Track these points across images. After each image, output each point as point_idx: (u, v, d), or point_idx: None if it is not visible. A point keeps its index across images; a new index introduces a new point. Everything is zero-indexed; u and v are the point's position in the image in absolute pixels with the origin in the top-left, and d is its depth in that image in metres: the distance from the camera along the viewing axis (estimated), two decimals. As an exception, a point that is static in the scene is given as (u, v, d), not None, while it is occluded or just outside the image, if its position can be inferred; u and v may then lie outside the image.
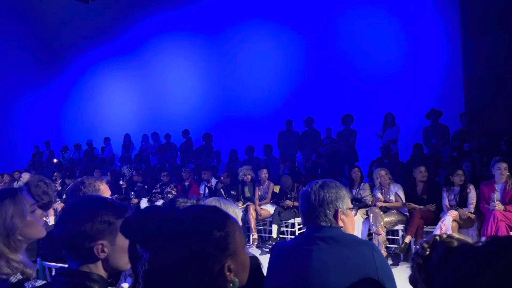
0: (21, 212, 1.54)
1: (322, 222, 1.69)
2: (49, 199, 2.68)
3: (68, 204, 1.34)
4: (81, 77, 15.43)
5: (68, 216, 1.27)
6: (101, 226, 1.27)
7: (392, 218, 5.66)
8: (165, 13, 13.43)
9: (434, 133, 7.72)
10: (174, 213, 0.95)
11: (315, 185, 1.76)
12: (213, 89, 12.38)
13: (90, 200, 1.37)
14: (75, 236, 1.25)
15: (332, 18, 10.61)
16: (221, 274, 0.92)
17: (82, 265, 1.27)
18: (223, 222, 0.96)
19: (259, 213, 6.77)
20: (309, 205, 1.72)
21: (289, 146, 9.14)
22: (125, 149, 11.55)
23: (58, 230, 1.27)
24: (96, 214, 1.27)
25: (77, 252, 1.27)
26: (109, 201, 1.36)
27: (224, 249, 0.93)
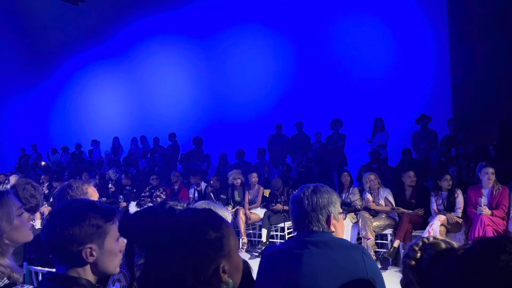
0: (8, 216, 1.51)
1: (314, 227, 1.69)
2: (36, 202, 2.65)
3: (56, 208, 1.33)
4: (69, 79, 15.28)
5: (56, 220, 1.26)
6: (90, 230, 1.26)
7: (381, 223, 5.70)
8: (154, 16, 13.39)
9: (423, 138, 7.82)
10: (171, 213, 0.96)
11: (307, 189, 1.75)
12: (203, 92, 12.37)
13: (78, 203, 1.35)
14: (63, 240, 1.23)
15: (322, 23, 10.69)
16: (215, 274, 0.94)
17: (69, 269, 1.26)
18: (218, 224, 0.98)
19: (248, 217, 6.75)
20: (301, 210, 1.71)
21: (279, 150, 9.16)
22: (114, 152, 11.46)
23: (46, 234, 1.25)
24: (84, 217, 1.26)
25: (65, 256, 1.25)
26: (97, 204, 1.34)
27: (218, 250, 0.95)
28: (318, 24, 10.74)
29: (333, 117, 8.58)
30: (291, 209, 1.79)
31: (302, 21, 10.99)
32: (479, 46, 8.76)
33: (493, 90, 8.51)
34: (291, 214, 1.79)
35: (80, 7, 14.62)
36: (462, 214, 5.39)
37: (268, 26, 11.49)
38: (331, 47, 10.54)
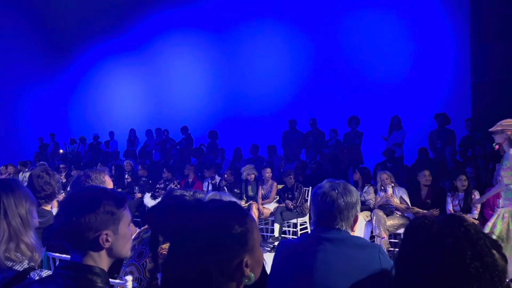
0: (30, 197, 1.61)
1: (340, 225, 1.67)
2: (52, 189, 2.67)
3: (68, 196, 1.35)
4: (88, 71, 15.49)
5: (70, 208, 1.28)
6: (105, 216, 1.29)
7: (395, 222, 5.65)
8: (172, 9, 13.44)
9: (440, 138, 7.69)
10: (197, 205, 0.98)
11: (339, 186, 1.73)
12: (219, 86, 12.40)
13: (91, 191, 1.37)
14: (80, 227, 1.25)
15: (340, 19, 10.58)
16: (238, 268, 0.95)
17: (85, 256, 1.28)
18: (243, 218, 0.99)
19: (261, 212, 6.77)
20: (331, 206, 1.68)
21: (293, 146, 9.14)
22: (130, 143, 11.61)
23: (60, 223, 1.27)
24: (99, 204, 1.29)
25: (81, 244, 1.28)
26: (109, 191, 1.37)
27: (243, 244, 0.96)
28: (336, 19, 10.64)
29: (350, 114, 8.51)
30: (316, 202, 1.73)
31: (319, 16, 10.90)
32: (500, 46, 8.57)
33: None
34: (316, 207, 1.74)
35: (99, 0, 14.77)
36: (479, 215, 5.31)
37: (284, 21, 11.43)
38: (348, 43, 10.43)
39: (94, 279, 1.26)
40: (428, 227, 1.11)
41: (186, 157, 10.16)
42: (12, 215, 1.50)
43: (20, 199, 1.54)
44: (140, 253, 1.94)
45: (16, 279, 1.45)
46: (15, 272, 1.46)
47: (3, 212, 1.48)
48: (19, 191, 1.56)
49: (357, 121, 8.41)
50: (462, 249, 1.04)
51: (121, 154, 11.54)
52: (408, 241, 1.14)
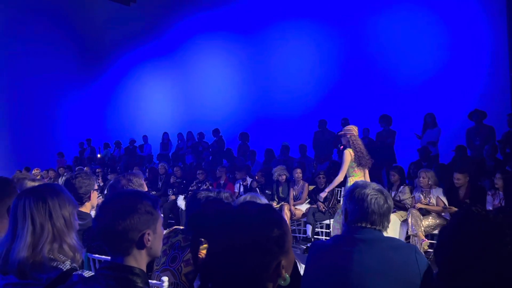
0: (73, 200, 1.68)
1: (378, 227, 1.67)
2: (88, 192, 2.73)
3: (108, 199, 1.39)
4: (121, 77, 15.95)
5: (114, 211, 1.32)
6: (146, 217, 1.34)
7: (432, 222, 5.49)
8: (201, 13, 13.64)
9: (478, 135, 7.40)
10: (238, 209, 1.00)
11: (381, 192, 1.71)
12: (249, 88, 12.45)
13: (129, 193, 1.43)
14: (125, 228, 1.30)
15: (370, 15, 10.39)
16: (275, 270, 0.96)
17: (126, 257, 1.33)
18: (280, 221, 1.00)
19: (293, 213, 6.75)
20: (368, 209, 1.67)
21: (324, 146, 9.06)
22: (164, 147, 11.86)
23: (104, 224, 1.31)
24: (141, 205, 1.34)
25: (124, 245, 1.32)
26: (145, 193, 1.44)
27: (281, 246, 0.97)
28: (365, 16, 10.45)
29: (382, 113, 8.34)
30: (358, 203, 1.70)
31: (347, 14, 10.75)
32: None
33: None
34: (354, 207, 1.71)
35: (131, 7, 15.21)
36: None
37: (313, 21, 11.35)
38: (378, 40, 10.23)
39: (135, 279, 1.31)
40: (484, 217, 1.08)
41: (218, 159, 10.27)
42: (56, 217, 1.57)
43: (64, 202, 1.61)
44: (174, 258, 1.95)
45: (59, 279, 1.51)
46: (58, 272, 1.52)
47: (48, 214, 1.55)
48: (63, 195, 1.63)
49: (387, 119, 8.21)
50: None
51: (155, 157, 11.80)
52: (460, 233, 1.10)
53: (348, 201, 1.74)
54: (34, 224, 1.53)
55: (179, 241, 2.00)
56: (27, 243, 1.50)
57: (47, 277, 1.51)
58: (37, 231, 1.53)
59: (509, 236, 1.03)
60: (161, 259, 1.97)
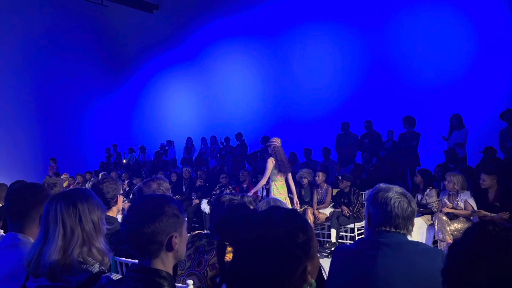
0: (101, 205, 1.72)
1: (402, 231, 1.65)
2: (114, 196, 2.78)
3: (136, 204, 1.42)
4: (145, 83, 16.25)
5: (142, 215, 1.35)
6: (173, 220, 1.37)
7: (460, 225, 5.35)
8: (222, 19, 13.75)
9: (510, 136, 7.16)
10: (264, 214, 1.00)
11: (404, 195, 1.69)
12: (271, 92, 12.47)
13: (156, 197, 1.45)
14: (154, 231, 1.33)
15: (392, 16, 10.25)
16: (301, 275, 0.96)
17: (154, 259, 1.35)
18: (305, 226, 1.01)
19: (317, 217, 6.70)
20: (394, 213, 1.65)
21: (348, 149, 8.97)
22: (187, 151, 12.00)
23: (133, 229, 1.34)
24: (168, 208, 1.38)
25: (153, 248, 1.35)
26: (170, 196, 1.48)
27: (307, 252, 0.98)
28: (388, 16, 10.31)
29: (407, 114, 8.19)
30: (381, 206, 1.67)
31: (370, 14, 10.63)
32: None
33: None
34: (375, 211, 1.69)
35: (155, 14, 15.50)
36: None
37: (335, 23, 11.27)
38: (402, 41, 10.07)
39: (162, 282, 1.33)
40: (498, 234, 1.00)
41: (241, 163, 10.32)
42: (86, 221, 1.61)
43: (93, 206, 1.65)
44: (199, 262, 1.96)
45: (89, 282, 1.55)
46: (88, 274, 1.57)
47: (78, 218, 1.60)
48: (92, 199, 1.68)
49: (411, 121, 8.04)
50: None
51: (178, 162, 11.95)
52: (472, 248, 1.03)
53: (371, 205, 1.71)
54: (65, 228, 1.57)
55: (204, 245, 2.01)
56: (58, 247, 1.54)
57: (77, 279, 1.55)
58: (67, 234, 1.57)
59: None
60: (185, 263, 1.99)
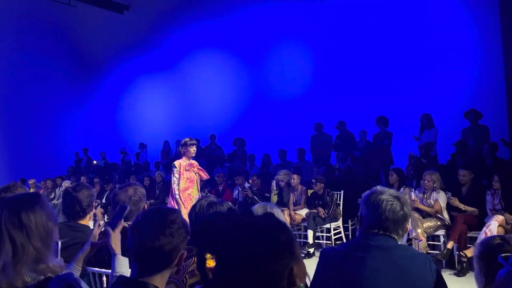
0: (52, 215, 1.53)
1: (393, 234, 1.64)
2: (86, 204, 2.68)
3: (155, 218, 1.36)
4: (119, 86, 15.88)
5: (169, 230, 1.32)
6: (184, 236, 1.37)
7: (433, 223, 5.47)
8: (197, 23, 13.60)
9: (473, 135, 7.41)
10: (247, 218, 0.98)
11: (398, 199, 1.67)
12: (245, 94, 12.44)
13: (177, 212, 1.43)
14: (173, 248, 1.32)
15: (365, 18, 10.42)
16: (289, 279, 0.94)
17: (156, 274, 1.31)
18: (285, 226, 0.99)
19: (293, 218, 6.72)
20: (384, 215, 1.64)
21: (322, 149, 9.05)
22: (165, 155, 11.81)
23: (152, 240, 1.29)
24: (181, 224, 1.37)
25: (163, 263, 1.33)
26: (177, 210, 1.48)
27: (291, 252, 0.95)
28: (361, 19, 10.48)
29: (379, 115, 8.35)
30: (374, 208, 1.66)
31: (343, 16, 10.78)
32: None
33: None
34: (371, 213, 1.67)
35: (125, 15, 15.18)
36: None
37: (307, 26, 11.36)
38: (374, 43, 10.25)
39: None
40: None
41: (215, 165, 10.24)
42: (33, 234, 1.43)
43: (41, 217, 1.47)
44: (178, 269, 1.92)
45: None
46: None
47: (26, 233, 1.41)
48: (40, 209, 1.49)
49: (384, 121, 8.21)
50: None
51: (152, 165, 11.75)
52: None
53: (364, 206, 1.71)
54: (14, 244, 1.40)
55: (196, 256, 1.97)
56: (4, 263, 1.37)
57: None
58: (18, 251, 1.40)
59: None
60: None
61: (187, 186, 5.58)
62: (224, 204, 2.13)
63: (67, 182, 9.51)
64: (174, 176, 5.58)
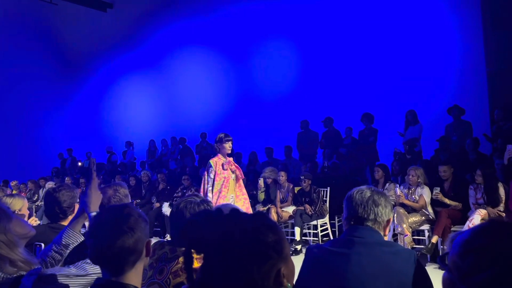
0: (5, 214, 1.55)
1: (370, 223, 1.67)
2: (68, 205, 2.64)
3: (106, 217, 1.34)
4: (103, 85, 15.66)
5: (126, 225, 1.30)
6: (145, 225, 1.37)
7: (417, 218, 5.55)
8: (182, 22, 13.49)
9: (456, 130, 7.53)
10: (230, 217, 0.97)
11: (370, 189, 1.73)
12: (231, 92, 12.41)
13: (126, 207, 1.40)
14: (138, 240, 1.30)
15: (348, 16, 10.49)
16: (276, 279, 0.93)
17: (129, 272, 1.30)
18: (275, 226, 0.98)
19: (280, 215, 6.73)
20: (364, 203, 1.68)
21: (308, 147, 9.08)
22: (150, 154, 11.71)
23: (111, 243, 1.27)
24: (139, 216, 1.36)
25: (134, 258, 1.31)
26: (131, 203, 1.45)
27: (279, 252, 0.94)
28: (346, 18, 10.54)
29: (364, 112, 8.41)
30: (351, 200, 1.72)
31: (328, 15, 10.83)
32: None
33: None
34: (350, 204, 1.73)
35: (109, 13, 14.98)
36: (504, 208, 5.17)
37: (295, 24, 11.38)
38: (358, 40, 10.32)
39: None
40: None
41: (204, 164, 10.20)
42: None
43: None
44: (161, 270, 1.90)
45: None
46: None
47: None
48: None
49: (369, 118, 8.28)
50: None
51: (138, 165, 11.65)
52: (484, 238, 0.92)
53: (344, 204, 1.78)
54: None
55: (166, 253, 1.96)
56: None
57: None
58: None
59: None
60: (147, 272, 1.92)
61: (222, 186, 5.02)
62: (204, 204, 2.09)
63: (51, 184, 9.36)
64: (209, 176, 5.04)
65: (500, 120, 7.32)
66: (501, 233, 0.91)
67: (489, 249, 0.88)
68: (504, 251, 0.86)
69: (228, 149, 5.11)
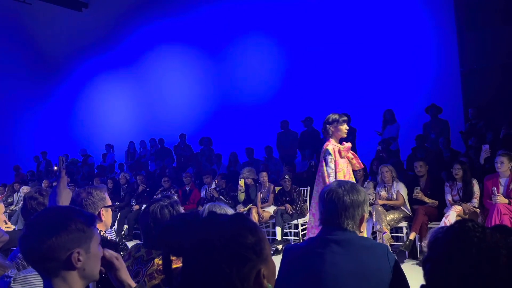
0: None
1: (345, 224, 1.66)
2: None
3: (35, 217, 1.29)
4: (79, 87, 15.34)
5: (40, 228, 1.23)
6: (77, 234, 1.25)
7: (395, 216, 5.64)
8: (159, 21, 13.35)
9: (433, 129, 7.71)
10: (208, 219, 0.96)
11: (346, 185, 1.72)
12: (210, 92, 12.35)
13: (59, 210, 1.35)
14: (52, 247, 1.20)
15: (325, 17, 10.59)
16: (256, 281, 0.93)
17: (54, 279, 1.23)
18: (254, 227, 0.97)
19: (261, 215, 6.74)
20: (335, 204, 1.67)
21: (288, 147, 9.12)
22: (130, 156, 11.54)
23: (30, 244, 1.22)
24: (70, 222, 1.25)
25: (52, 266, 1.22)
26: (78, 209, 1.35)
27: (259, 254, 0.94)
28: (321, 18, 10.64)
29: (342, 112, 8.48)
30: (323, 200, 1.73)
31: (304, 16, 10.90)
32: (487, 32, 8.59)
33: (504, 78, 8.36)
34: (323, 205, 1.73)
35: (84, 13, 14.69)
36: (479, 204, 5.31)
37: (273, 23, 11.42)
38: (337, 41, 10.43)
39: None
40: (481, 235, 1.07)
41: (184, 165, 10.12)
42: None
43: None
44: (137, 273, 1.88)
45: None
46: None
47: None
48: None
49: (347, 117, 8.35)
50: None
51: (116, 167, 11.47)
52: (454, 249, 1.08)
53: (320, 203, 1.77)
54: None
55: (142, 255, 1.93)
56: None
57: None
58: None
59: (506, 257, 1.02)
60: None
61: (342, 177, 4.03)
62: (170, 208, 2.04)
63: (26, 188, 9.11)
64: (329, 167, 4.00)
65: (473, 119, 7.53)
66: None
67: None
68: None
69: (344, 132, 4.19)
